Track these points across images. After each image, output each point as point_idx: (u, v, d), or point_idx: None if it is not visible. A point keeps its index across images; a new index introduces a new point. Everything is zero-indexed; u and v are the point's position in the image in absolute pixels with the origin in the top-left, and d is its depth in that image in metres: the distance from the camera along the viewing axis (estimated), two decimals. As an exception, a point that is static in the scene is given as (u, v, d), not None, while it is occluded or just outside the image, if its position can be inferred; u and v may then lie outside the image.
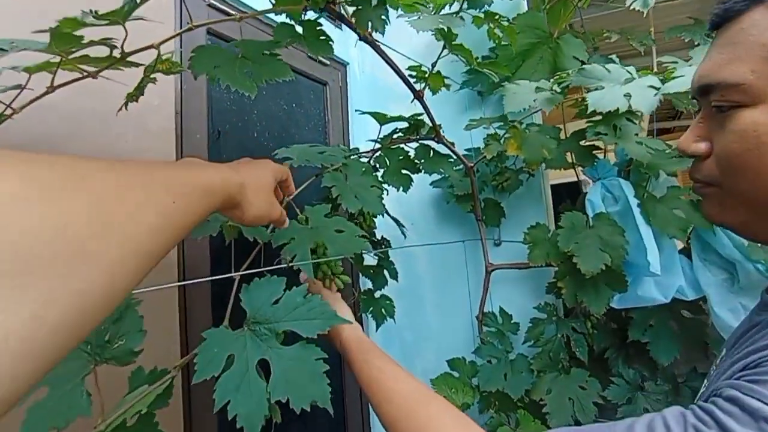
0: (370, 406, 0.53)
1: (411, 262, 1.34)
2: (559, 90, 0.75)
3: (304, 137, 1.20)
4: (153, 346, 0.71)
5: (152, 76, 0.57)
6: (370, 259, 1.12)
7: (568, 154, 0.93)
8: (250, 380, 0.48)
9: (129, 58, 0.48)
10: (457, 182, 1.09)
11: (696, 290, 0.78)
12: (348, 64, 1.44)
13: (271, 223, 0.55)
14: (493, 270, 1.07)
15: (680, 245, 0.86)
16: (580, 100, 0.85)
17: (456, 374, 0.99)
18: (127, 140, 0.71)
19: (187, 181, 0.30)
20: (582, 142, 0.91)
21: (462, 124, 0.97)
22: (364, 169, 0.78)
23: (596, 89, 0.72)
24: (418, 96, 0.73)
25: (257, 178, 0.45)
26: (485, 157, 0.87)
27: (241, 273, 0.61)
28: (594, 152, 0.90)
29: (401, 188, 0.86)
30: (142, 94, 0.56)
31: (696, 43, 1.13)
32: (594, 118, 0.90)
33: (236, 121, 0.99)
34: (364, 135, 1.42)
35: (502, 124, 0.93)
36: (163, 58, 0.53)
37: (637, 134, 0.83)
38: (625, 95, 0.68)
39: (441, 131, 0.84)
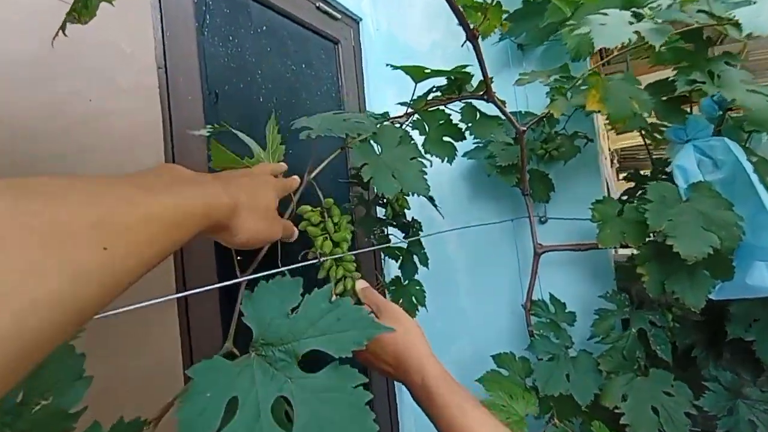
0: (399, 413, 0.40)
1: (440, 244, 1.19)
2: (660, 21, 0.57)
3: (316, 104, 1.03)
4: (148, 366, 0.57)
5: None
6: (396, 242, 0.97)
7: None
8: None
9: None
10: (499, 151, 0.92)
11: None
12: (361, 20, 1.25)
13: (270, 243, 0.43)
14: (543, 252, 0.92)
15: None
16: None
17: (505, 372, 0.85)
18: (90, 98, 0.54)
19: (152, 213, 0.24)
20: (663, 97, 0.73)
21: (498, 84, 0.79)
22: (400, 137, 0.61)
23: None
24: (472, 36, 0.55)
25: (254, 199, 0.37)
26: (543, 118, 0.70)
27: (248, 277, 0.45)
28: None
29: (446, 159, 0.69)
30: (93, 15, 0.39)
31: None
32: (682, 64, 0.72)
33: (237, 81, 0.82)
34: (381, 101, 1.24)
35: (558, 78, 0.75)
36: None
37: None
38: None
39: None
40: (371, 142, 0.60)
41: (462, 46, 0.57)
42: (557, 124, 0.92)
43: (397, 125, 0.71)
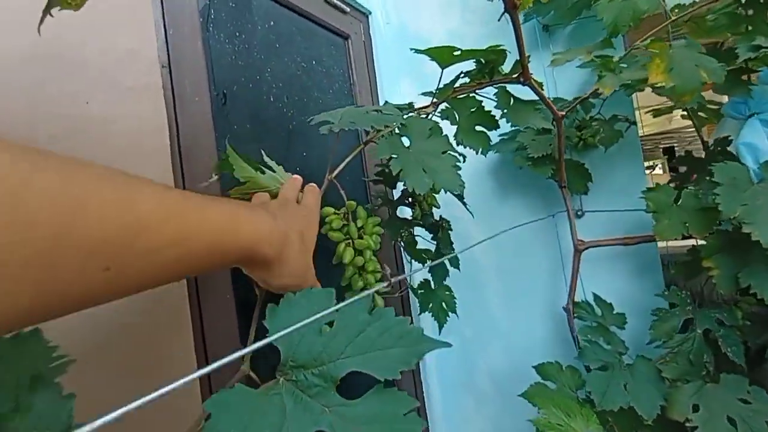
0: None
1: (465, 243, 1.11)
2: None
3: (329, 102, 0.97)
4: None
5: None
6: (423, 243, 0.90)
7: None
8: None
9: None
10: (530, 141, 0.84)
11: None
12: (370, 13, 1.19)
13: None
14: (585, 249, 0.84)
15: None
16: None
17: (551, 385, 0.77)
18: (89, 100, 0.49)
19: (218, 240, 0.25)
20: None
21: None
22: (430, 129, 0.54)
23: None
24: (512, 6, 0.48)
25: (306, 234, 0.35)
26: (581, 101, 0.62)
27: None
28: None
29: (480, 150, 0.62)
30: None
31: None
32: (740, 31, 0.64)
33: (245, 81, 0.76)
34: (395, 97, 1.18)
35: (601, 54, 0.68)
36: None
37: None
38: None
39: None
40: (398, 135, 0.54)
41: (498, 20, 0.50)
42: (592, 108, 0.84)
43: (423, 116, 0.64)
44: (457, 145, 0.62)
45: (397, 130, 0.54)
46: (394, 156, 0.49)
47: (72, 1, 0.34)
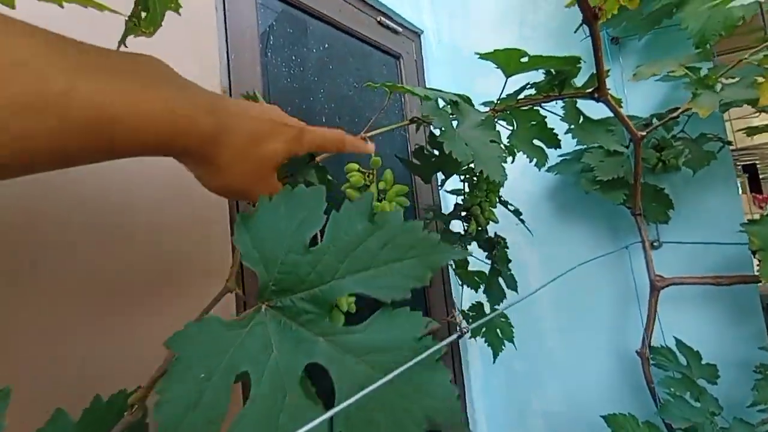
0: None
1: (520, 271, 1.04)
2: None
3: (380, 122, 0.96)
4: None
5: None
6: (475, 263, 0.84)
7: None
8: (289, 417, 0.22)
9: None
10: (598, 163, 0.76)
11: None
12: (422, 32, 1.18)
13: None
14: (665, 286, 0.73)
15: None
16: None
17: (623, 442, 0.67)
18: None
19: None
20: None
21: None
22: (483, 119, 0.50)
23: None
24: (592, 16, 0.44)
25: (253, 141, 0.28)
26: (675, 117, 0.55)
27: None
28: None
29: (535, 161, 0.57)
30: (158, 26, 0.34)
31: None
32: None
33: (299, 102, 0.77)
34: (446, 117, 1.15)
35: (686, 75, 0.60)
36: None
37: None
38: None
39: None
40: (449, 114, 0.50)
41: (575, 31, 0.45)
42: (675, 125, 0.75)
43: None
44: (512, 147, 0.57)
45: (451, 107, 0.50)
46: (441, 128, 0.45)
47: (146, 29, 0.35)
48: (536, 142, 0.60)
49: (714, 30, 0.65)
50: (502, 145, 0.49)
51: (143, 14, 0.32)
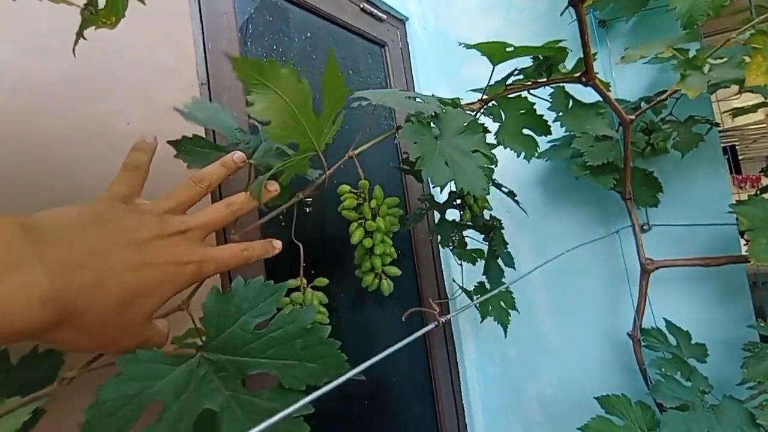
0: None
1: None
2: None
3: (365, 111, 0.94)
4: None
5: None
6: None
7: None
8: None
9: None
10: (588, 148, 0.76)
11: None
12: (407, 19, 1.15)
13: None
14: (655, 269, 0.74)
15: None
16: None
17: (618, 421, 0.68)
18: (130, 121, 0.48)
19: None
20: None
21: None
22: (466, 124, 0.49)
23: None
24: (578, 0, 0.42)
25: (124, 300, 0.24)
26: (663, 100, 0.54)
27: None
28: None
29: (523, 155, 0.56)
30: (120, 16, 0.31)
31: None
32: None
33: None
34: (434, 105, 1.13)
35: (674, 56, 0.59)
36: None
37: None
38: None
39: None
40: (432, 125, 0.49)
41: (561, 14, 0.44)
42: (663, 109, 0.75)
43: (469, 113, 0.59)
44: (498, 146, 0.56)
45: (431, 119, 0.50)
46: (414, 141, 0.45)
47: (107, 19, 0.33)
48: (526, 131, 0.59)
49: (702, 10, 0.65)
50: (486, 153, 0.48)
51: (101, 3, 0.30)
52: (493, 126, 0.60)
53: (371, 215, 0.50)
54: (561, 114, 0.59)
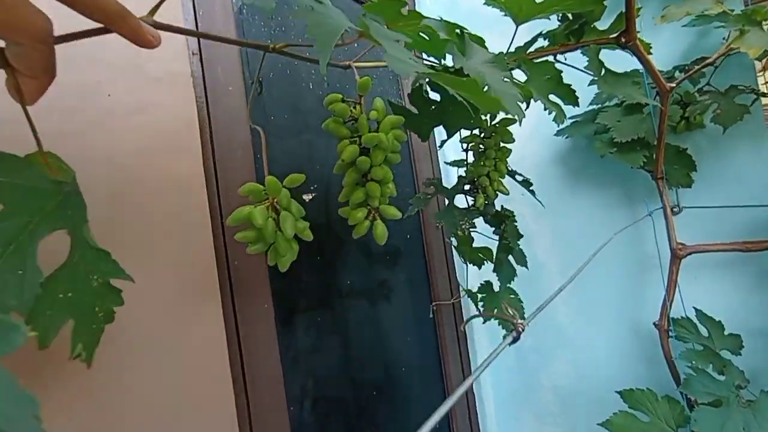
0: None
1: (526, 243, 0.98)
2: None
3: (374, 85, 0.88)
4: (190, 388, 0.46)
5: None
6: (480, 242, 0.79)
7: None
8: None
9: None
10: (615, 123, 0.70)
11: None
12: (417, -13, 1.07)
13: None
14: (687, 254, 0.68)
15: None
16: None
17: (643, 417, 0.64)
18: (114, 93, 0.44)
19: None
20: None
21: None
22: (495, 55, 0.42)
23: None
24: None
25: None
26: (705, 67, 0.47)
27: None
28: None
29: (553, 114, 0.50)
30: None
31: None
32: None
33: (282, 68, 0.69)
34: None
35: (724, 13, 0.52)
36: None
37: None
38: None
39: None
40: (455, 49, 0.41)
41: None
42: (701, 78, 0.67)
43: None
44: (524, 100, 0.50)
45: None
46: (454, 54, 0.37)
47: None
48: (552, 97, 0.53)
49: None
50: (513, 82, 0.41)
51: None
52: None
53: (369, 129, 0.39)
54: (596, 78, 0.52)
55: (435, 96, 0.48)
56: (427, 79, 0.44)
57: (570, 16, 0.47)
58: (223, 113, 0.57)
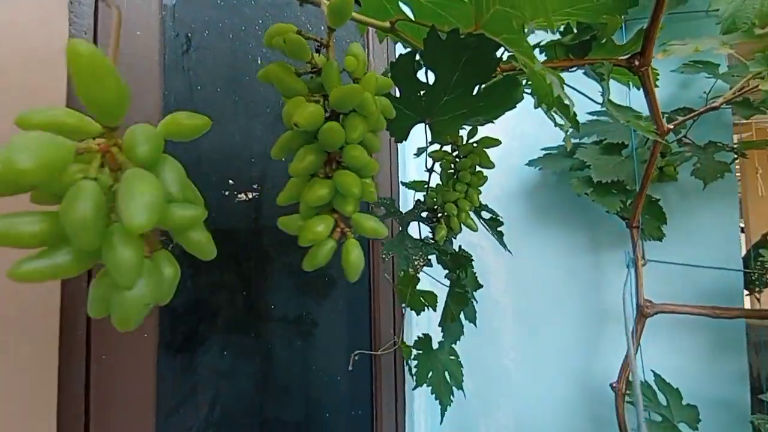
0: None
1: (482, 279, 0.89)
2: None
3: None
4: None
5: None
6: (426, 283, 0.67)
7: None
8: None
9: None
10: (594, 161, 0.64)
11: None
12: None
13: None
14: (654, 314, 0.63)
15: None
16: None
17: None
18: None
19: None
20: None
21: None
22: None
23: None
24: None
25: None
26: (713, 109, 0.42)
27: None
28: None
29: (562, 121, 0.40)
30: None
31: None
32: None
33: (216, 19, 0.54)
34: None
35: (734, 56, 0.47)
36: None
37: None
38: None
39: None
40: None
41: None
42: (682, 129, 0.64)
43: None
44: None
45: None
46: None
47: None
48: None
49: (746, 17, 0.55)
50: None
51: None
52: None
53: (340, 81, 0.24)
54: (607, 99, 0.44)
55: (430, 88, 0.35)
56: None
57: (574, 28, 0.39)
58: (137, 76, 0.40)
